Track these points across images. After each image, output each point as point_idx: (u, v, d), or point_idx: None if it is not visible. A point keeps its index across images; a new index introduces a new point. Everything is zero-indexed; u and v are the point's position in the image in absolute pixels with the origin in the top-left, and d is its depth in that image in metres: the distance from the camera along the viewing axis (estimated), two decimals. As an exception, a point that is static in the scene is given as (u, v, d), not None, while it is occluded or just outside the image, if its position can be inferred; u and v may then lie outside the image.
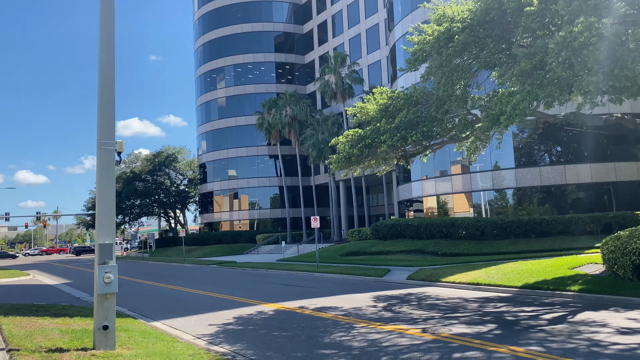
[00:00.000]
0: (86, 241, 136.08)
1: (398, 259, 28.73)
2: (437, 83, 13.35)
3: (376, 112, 15.87)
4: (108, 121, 9.56)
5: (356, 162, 16.30)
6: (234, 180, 63.13)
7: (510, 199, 30.65)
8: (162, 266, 42.87)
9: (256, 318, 13.45)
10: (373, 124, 15.70)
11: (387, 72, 50.07)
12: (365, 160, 16.14)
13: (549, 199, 29.67)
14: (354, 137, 15.89)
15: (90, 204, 73.54)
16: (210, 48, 65.89)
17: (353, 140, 15.81)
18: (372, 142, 14.95)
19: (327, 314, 13.37)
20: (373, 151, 15.25)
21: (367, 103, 16.93)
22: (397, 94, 15.83)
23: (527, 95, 9.85)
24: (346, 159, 15.95)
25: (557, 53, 9.65)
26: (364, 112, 16.51)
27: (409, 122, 14.30)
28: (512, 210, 30.34)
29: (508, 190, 30.36)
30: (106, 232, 9.30)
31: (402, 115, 14.44)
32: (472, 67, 13.23)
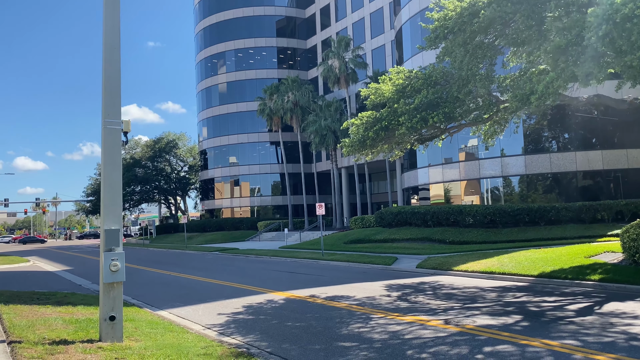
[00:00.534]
0: (85, 227, 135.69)
1: (404, 246, 28.23)
2: (459, 62, 12.67)
3: (392, 93, 15.19)
4: (113, 98, 8.93)
5: (370, 146, 15.67)
6: (235, 166, 62.51)
7: (519, 186, 30.08)
8: (163, 253, 42.40)
9: (267, 307, 12.94)
10: (389, 105, 15.05)
11: (392, 56, 49.26)
12: (380, 144, 15.50)
13: (558, 187, 29.12)
14: (369, 119, 15.23)
15: (89, 190, 72.95)
16: (211, 32, 64.88)
17: (368, 123, 15.16)
18: (388, 124, 14.31)
19: (340, 304, 12.85)
20: (390, 134, 14.62)
21: (382, 84, 16.27)
22: (415, 74, 15.14)
23: (561, 72, 9.23)
24: (360, 142, 15.31)
25: (596, 27, 8.97)
26: (379, 93, 15.84)
27: (429, 103, 13.64)
28: (521, 198, 29.80)
29: (517, 177, 29.80)
30: (112, 218, 8.72)
31: (422, 95, 13.75)
32: (498, 44, 12.52)
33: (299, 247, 35.29)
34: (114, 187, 8.80)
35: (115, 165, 8.86)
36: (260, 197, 61.71)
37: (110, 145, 8.85)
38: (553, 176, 28.93)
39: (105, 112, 8.87)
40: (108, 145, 8.83)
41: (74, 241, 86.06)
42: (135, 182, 68.49)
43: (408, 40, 36.19)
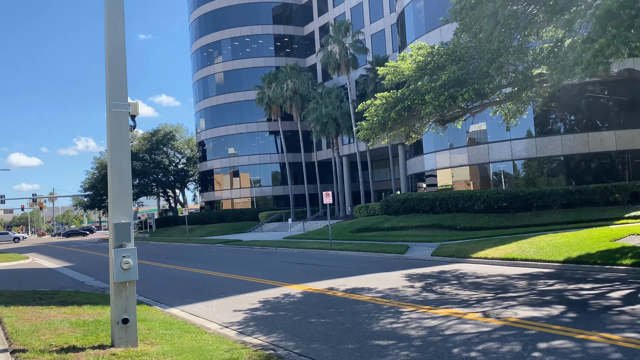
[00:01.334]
0: (84, 222, 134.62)
1: (414, 234, 27.52)
2: (488, 34, 11.79)
3: (413, 71, 14.35)
4: (118, 76, 8.07)
5: (390, 129, 14.82)
6: (234, 157, 61.59)
7: (530, 169, 29.33)
8: (165, 246, 41.61)
9: (285, 302, 12.17)
10: (410, 84, 14.20)
11: (392, 41, 48.27)
12: (399, 126, 14.65)
13: (570, 169, 28.37)
14: (390, 99, 14.38)
15: (87, 184, 71.93)
16: (206, 21, 63.61)
17: (389, 103, 14.31)
18: (411, 103, 13.46)
19: (363, 296, 12.10)
20: (413, 114, 13.77)
21: (400, 62, 15.41)
22: (438, 50, 14.25)
23: (612, 39, 8.41)
24: (381, 124, 14.46)
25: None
26: (398, 71, 14.98)
27: (456, 80, 12.81)
28: (532, 182, 29.05)
29: (527, 161, 29.03)
30: (122, 210, 7.89)
31: (449, 71, 12.88)
32: (532, 13, 11.64)
33: (304, 237, 34.55)
34: (123, 176, 7.96)
35: (123, 152, 8.01)
36: (261, 188, 60.86)
37: (117, 130, 8.00)
38: (565, 158, 28.18)
39: (109, 93, 8.01)
40: (114, 130, 7.98)
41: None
42: (133, 175, 67.37)
43: (411, 22, 35.21)
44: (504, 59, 11.68)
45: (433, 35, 32.21)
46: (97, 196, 70.10)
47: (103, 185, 67.74)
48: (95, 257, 34.14)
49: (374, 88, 45.03)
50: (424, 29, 33.32)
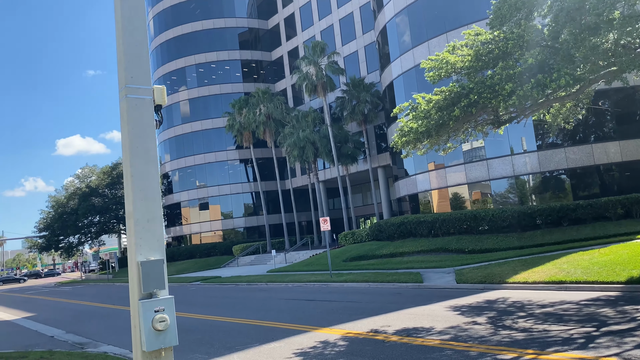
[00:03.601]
0: (37, 266, 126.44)
1: (419, 260, 25.33)
2: (576, 8, 9.96)
3: (470, 61, 12.36)
4: (137, 50, 5.63)
5: (446, 131, 12.65)
6: (203, 189, 58.35)
7: (533, 185, 27.84)
8: (135, 288, 37.88)
9: (330, 354, 9.63)
10: (464, 76, 12.21)
11: (367, 62, 46.95)
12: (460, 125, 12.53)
13: (576, 183, 27.02)
14: (449, 94, 12.30)
15: (42, 224, 66.69)
16: (169, 48, 61.00)
17: (449, 99, 12.22)
18: (479, 97, 11.41)
19: (428, 341, 9.71)
20: (482, 108, 11.65)
21: (445, 54, 13.44)
22: (499, 35, 12.26)
23: None
24: (438, 126, 12.30)
25: None
26: (444, 64, 12.94)
27: (540, 65, 10.87)
28: (537, 198, 27.53)
29: (531, 176, 27.55)
30: (149, 241, 5.34)
31: (534, 53, 10.88)
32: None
33: (292, 270, 31.82)
34: (149, 191, 5.44)
35: (148, 156, 5.51)
36: (233, 220, 57.68)
37: (137, 124, 5.51)
38: (570, 172, 26.81)
39: (125, 74, 5.54)
40: (134, 124, 5.48)
41: None
42: (93, 212, 63.02)
43: (395, 38, 33.78)
44: (603, 34, 9.78)
45: (421, 49, 30.82)
46: (53, 236, 64.99)
47: (60, 224, 62.95)
48: (58, 304, 30.32)
49: (351, 110, 43.40)
50: (409, 45, 31.91)
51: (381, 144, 45.90)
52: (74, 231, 64.26)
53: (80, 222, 63.28)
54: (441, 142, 14.17)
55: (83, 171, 70.54)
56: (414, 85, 31.91)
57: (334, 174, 50.05)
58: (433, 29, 30.30)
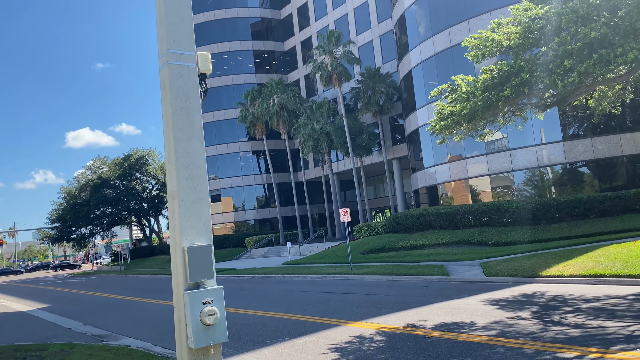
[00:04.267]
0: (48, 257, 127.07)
1: (440, 253, 24.70)
2: None
3: (518, 38, 11.62)
4: (180, 12, 5.03)
5: (494, 112, 11.94)
6: (215, 180, 57.93)
7: (558, 176, 27.05)
8: (149, 280, 37.60)
9: (369, 349, 9.05)
10: (517, 53, 11.48)
11: (382, 52, 46.16)
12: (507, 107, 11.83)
13: (602, 174, 26.20)
14: (498, 73, 11.58)
15: (54, 215, 66.63)
16: (180, 38, 60.42)
17: (497, 79, 11.52)
18: (531, 76, 10.71)
19: (473, 337, 9.10)
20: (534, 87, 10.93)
21: (488, 32, 12.72)
22: (549, 10, 11.48)
23: None
24: (485, 107, 11.59)
25: None
26: (489, 42, 12.21)
27: (600, 41, 10.13)
28: (561, 190, 26.75)
29: (556, 167, 26.76)
30: (196, 225, 4.78)
31: (596, 27, 10.14)
32: None
33: (308, 262, 31.31)
34: (195, 169, 4.87)
35: (193, 130, 4.94)
36: (245, 212, 57.25)
37: (180, 93, 4.92)
38: (595, 163, 26.00)
39: (168, 37, 4.96)
40: (176, 94, 4.90)
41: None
42: (105, 204, 62.78)
43: (413, 25, 32.96)
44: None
45: (441, 37, 30.04)
46: (65, 228, 64.88)
47: (72, 216, 62.78)
48: (72, 295, 30.02)
49: (367, 100, 42.66)
50: (429, 32, 31.09)
51: (396, 135, 45.18)
52: (85, 222, 64.12)
53: (92, 213, 63.09)
54: (479, 128, 13.46)
55: (95, 163, 70.37)
56: (433, 74, 31.16)
57: (347, 165, 49.41)
58: (454, 16, 29.48)
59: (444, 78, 30.43)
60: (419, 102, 32.49)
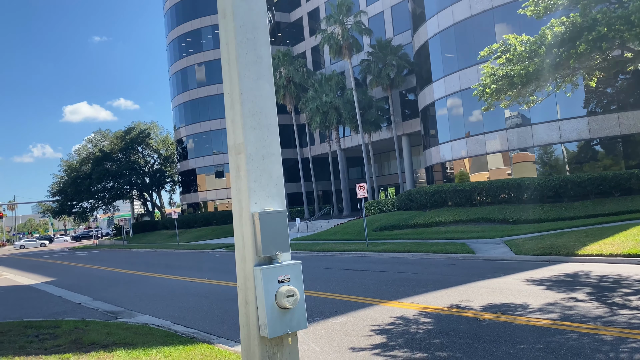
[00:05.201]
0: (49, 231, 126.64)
1: (458, 230, 23.91)
2: None
3: None
4: None
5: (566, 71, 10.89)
6: (219, 155, 56.90)
7: (582, 152, 26.10)
8: (154, 254, 36.88)
9: (420, 333, 8.22)
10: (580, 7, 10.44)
11: (393, 23, 44.73)
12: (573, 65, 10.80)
13: (629, 151, 25.26)
14: (570, 28, 10.46)
15: (55, 189, 65.72)
16: (184, 8, 58.76)
17: (568, 33, 10.43)
18: (608, 30, 9.69)
19: (533, 319, 8.28)
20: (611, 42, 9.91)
21: None
22: None
23: None
24: (555, 65, 10.57)
25: None
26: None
27: None
28: (585, 166, 25.83)
29: (579, 143, 25.79)
30: (266, 185, 3.87)
31: None
32: None
33: (317, 239, 30.56)
34: (264, 116, 3.94)
35: (261, 67, 4.00)
36: (249, 187, 56.33)
37: (245, 20, 3.97)
38: (622, 139, 25.04)
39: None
40: (240, 21, 3.95)
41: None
42: (107, 178, 61.82)
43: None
44: None
45: (461, 5, 28.75)
46: (66, 201, 64.03)
47: (73, 189, 61.89)
48: (77, 269, 29.27)
49: (377, 74, 41.41)
50: (448, 1, 29.74)
51: (405, 110, 44.07)
52: (87, 196, 63.28)
53: (94, 187, 62.17)
54: (527, 94, 12.46)
55: (96, 136, 69.18)
56: (452, 45, 29.95)
57: (354, 142, 48.40)
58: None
59: (464, 49, 29.27)
60: (436, 75, 31.34)
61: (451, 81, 29.69)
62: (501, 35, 27.33)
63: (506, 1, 26.71)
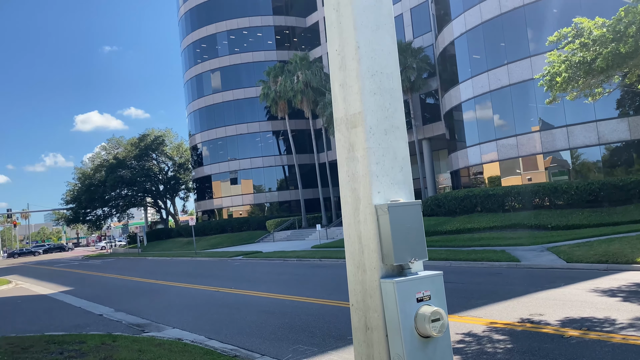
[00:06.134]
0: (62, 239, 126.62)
1: (492, 237, 22.70)
2: None
3: None
4: None
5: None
6: (235, 161, 56.07)
7: (622, 154, 24.84)
8: (171, 262, 36.01)
9: (498, 352, 7.15)
10: None
11: (412, 26, 43.79)
12: None
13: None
14: None
15: (69, 196, 65.26)
16: (199, 14, 58.25)
17: None
18: None
19: (630, 337, 7.17)
20: None
21: None
22: None
23: None
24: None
25: None
26: None
27: None
28: (625, 170, 24.57)
29: (619, 144, 24.54)
30: (390, 168, 2.85)
31: None
32: None
33: (339, 246, 29.45)
34: (385, 77, 2.92)
35: (381, 13, 2.98)
36: (266, 193, 55.44)
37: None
38: (665, 141, 23.76)
39: None
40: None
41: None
42: (121, 185, 61.21)
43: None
44: None
45: (490, 2, 27.72)
46: (80, 209, 63.50)
47: (87, 197, 61.35)
48: (93, 277, 28.46)
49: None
50: (472, 1, 28.74)
51: (425, 114, 43.00)
52: (101, 204, 62.71)
53: (108, 194, 61.60)
54: (594, 85, 11.43)
55: (110, 143, 68.77)
56: (480, 44, 28.91)
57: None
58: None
59: (494, 48, 28.22)
60: (462, 76, 30.27)
61: (479, 82, 28.61)
62: (534, 33, 26.35)
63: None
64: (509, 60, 27.15)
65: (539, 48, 25.96)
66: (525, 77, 26.24)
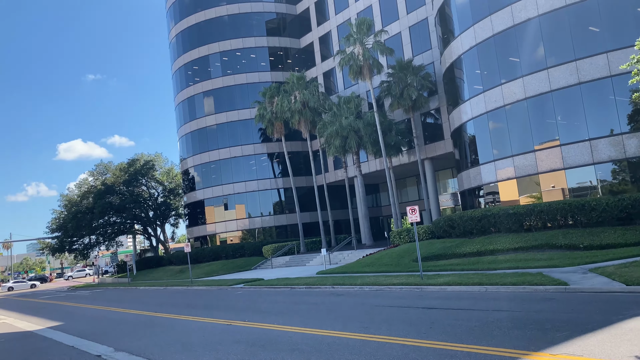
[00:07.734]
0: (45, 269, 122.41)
1: (520, 259, 21.07)
2: None
3: None
4: None
5: None
6: (229, 185, 54.17)
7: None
8: (165, 292, 33.77)
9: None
10: None
11: (412, 44, 42.93)
12: None
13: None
14: None
15: (54, 225, 62.59)
16: (190, 35, 57.05)
17: None
18: None
19: None
20: None
21: None
22: None
23: None
24: None
25: None
26: None
27: None
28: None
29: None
30: None
31: None
32: None
33: (347, 271, 27.65)
34: None
35: None
36: (261, 218, 53.45)
37: None
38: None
39: None
40: None
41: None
42: (110, 212, 58.82)
43: (466, 5, 29.53)
44: None
45: (502, 14, 26.65)
46: (66, 237, 60.84)
47: (74, 224, 58.84)
48: (83, 311, 26.21)
49: (399, 95, 39.25)
50: (486, 11, 27.62)
51: (426, 133, 41.79)
52: (88, 232, 60.16)
53: (96, 222, 59.13)
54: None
55: (98, 168, 66.50)
56: (492, 57, 27.76)
57: (372, 167, 46.05)
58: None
59: (507, 61, 27.08)
60: (472, 91, 29.06)
61: (492, 96, 27.37)
62: (550, 44, 25.25)
63: (554, 7, 24.64)
64: (524, 73, 25.98)
65: (555, 60, 24.85)
66: (543, 89, 25.04)
